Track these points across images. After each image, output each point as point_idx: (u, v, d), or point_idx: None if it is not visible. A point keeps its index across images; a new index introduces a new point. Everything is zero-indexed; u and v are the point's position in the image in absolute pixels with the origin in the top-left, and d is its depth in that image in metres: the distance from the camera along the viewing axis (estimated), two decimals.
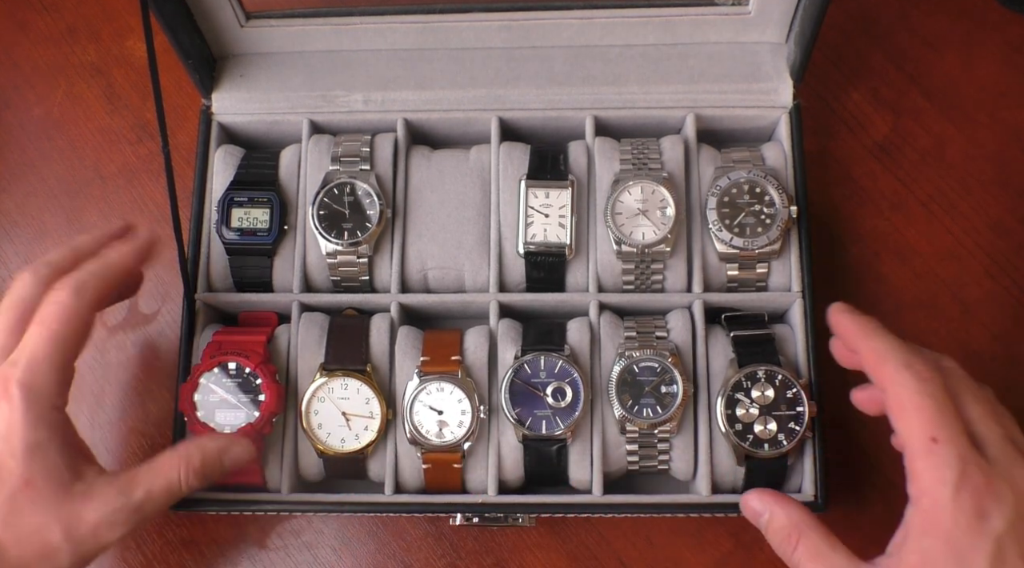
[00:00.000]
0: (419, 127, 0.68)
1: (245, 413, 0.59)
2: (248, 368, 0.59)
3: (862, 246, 0.70)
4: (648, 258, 0.62)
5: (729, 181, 0.63)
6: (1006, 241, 0.69)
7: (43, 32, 0.77)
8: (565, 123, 0.67)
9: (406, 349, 0.62)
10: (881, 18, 0.75)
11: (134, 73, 0.76)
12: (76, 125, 0.75)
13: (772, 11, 0.65)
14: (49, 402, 0.51)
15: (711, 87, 0.66)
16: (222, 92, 0.67)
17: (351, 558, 0.65)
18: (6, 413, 0.50)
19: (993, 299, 0.68)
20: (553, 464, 0.60)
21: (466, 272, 0.65)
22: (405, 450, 0.61)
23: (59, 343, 0.52)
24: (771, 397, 0.58)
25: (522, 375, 0.60)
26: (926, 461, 0.47)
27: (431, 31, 0.67)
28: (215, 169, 0.66)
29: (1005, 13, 0.74)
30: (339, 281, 0.64)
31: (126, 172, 0.74)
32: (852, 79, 0.73)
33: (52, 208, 0.73)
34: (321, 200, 0.63)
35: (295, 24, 0.67)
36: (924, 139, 0.72)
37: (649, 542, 0.64)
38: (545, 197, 0.64)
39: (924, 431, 0.47)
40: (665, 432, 0.60)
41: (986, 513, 0.45)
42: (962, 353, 0.67)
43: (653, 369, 0.59)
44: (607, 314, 0.63)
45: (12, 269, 0.72)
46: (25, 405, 0.50)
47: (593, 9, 0.65)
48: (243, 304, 0.64)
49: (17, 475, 0.50)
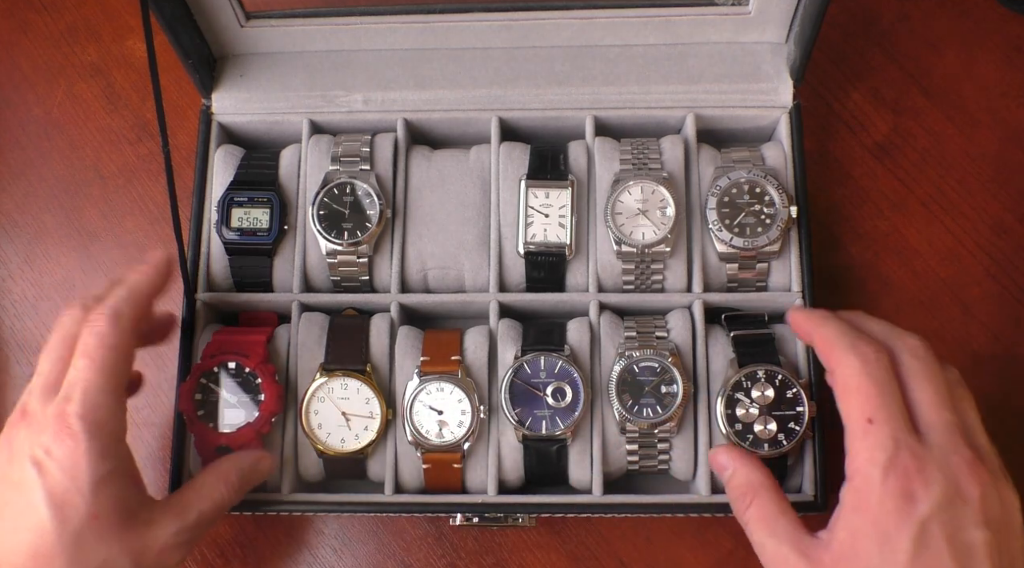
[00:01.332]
0: (419, 127, 0.68)
1: (244, 413, 0.59)
2: (248, 368, 0.59)
3: (862, 246, 0.70)
4: (648, 258, 0.62)
5: (729, 181, 0.63)
6: (1006, 241, 0.69)
7: (43, 32, 0.77)
8: (565, 123, 0.67)
9: (406, 349, 0.62)
10: (881, 18, 0.75)
11: (134, 73, 0.76)
12: (76, 125, 0.75)
13: (772, 11, 0.65)
14: (112, 434, 0.51)
15: (711, 87, 0.66)
16: (222, 92, 0.67)
17: (351, 558, 0.65)
18: (70, 448, 0.49)
19: (993, 299, 0.68)
20: (553, 464, 0.60)
21: (466, 272, 0.65)
22: (405, 450, 0.61)
23: (107, 371, 0.51)
24: (771, 397, 0.58)
25: (522, 375, 0.60)
26: (861, 441, 0.48)
27: (431, 31, 0.67)
28: (215, 169, 0.66)
29: (1005, 13, 0.74)
30: (339, 281, 0.64)
31: (126, 172, 0.74)
32: (852, 79, 0.73)
33: (52, 208, 0.73)
34: (321, 200, 0.63)
35: (295, 24, 0.67)
36: (924, 139, 0.72)
37: (649, 542, 0.64)
38: (545, 197, 0.64)
39: (862, 412, 0.48)
40: (665, 432, 0.60)
41: (913, 496, 0.46)
42: (962, 353, 0.67)
43: (653, 369, 0.59)
44: (607, 314, 0.63)
45: (12, 269, 0.72)
46: (89, 438, 0.49)
47: (593, 9, 0.65)
48: (243, 304, 0.64)
49: (84, 511, 0.49)
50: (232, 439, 0.59)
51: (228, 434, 0.59)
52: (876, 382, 0.49)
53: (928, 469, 0.47)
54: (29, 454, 0.49)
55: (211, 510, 0.55)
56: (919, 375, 0.50)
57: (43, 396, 0.51)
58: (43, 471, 0.49)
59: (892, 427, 0.48)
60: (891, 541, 0.46)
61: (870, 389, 0.48)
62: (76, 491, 0.48)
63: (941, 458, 0.47)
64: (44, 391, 0.51)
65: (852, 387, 0.49)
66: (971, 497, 0.46)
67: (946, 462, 0.47)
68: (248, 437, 0.59)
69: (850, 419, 0.49)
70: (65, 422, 0.49)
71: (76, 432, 0.49)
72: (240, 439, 0.59)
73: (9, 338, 0.71)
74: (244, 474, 0.57)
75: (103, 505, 0.49)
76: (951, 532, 0.46)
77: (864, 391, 0.48)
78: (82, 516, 0.48)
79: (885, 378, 0.49)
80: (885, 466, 0.47)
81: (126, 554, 0.50)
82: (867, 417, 0.48)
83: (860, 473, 0.48)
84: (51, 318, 0.71)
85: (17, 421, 0.51)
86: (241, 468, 0.57)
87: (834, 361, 0.51)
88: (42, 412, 0.50)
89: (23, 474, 0.49)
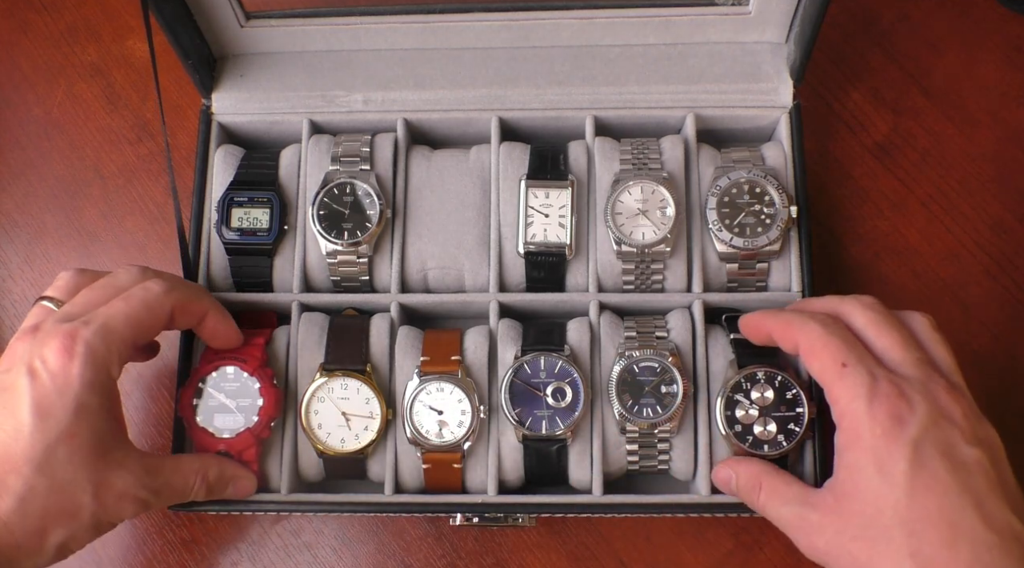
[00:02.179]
0: (419, 127, 0.68)
1: (243, 418, 0.59)
2: (246, 373, 0.59)
3: (862, 246, 0.70)
4: (648, 258, 0.62)
5: (729, 181, 0.63)
6: (1006, 241, 0.69)
7: (43, 32, 0.77)
8: (565, 123, 0.67)
9: (406, 349, 0.62)
10: (881, 18, 0.75)
11: (134, 73, 0.76)
12: (76, 125, 0.75)
13: (772, 11, 0.65)
14: (107, 370, 0.52)
15: (711, 87, 0.66)
16: (222, 92, 0.67)
17: (351, 558, 0.65)
18: (65, 365, 0.50)
19: (993, 299, 0.68)
20: (553, 464, 0.60)
21: (466, 272, 0.65)
22: (405, 450, 0.61)
23: (134, 322, 0.53)
24: (770, 398, 0.58)
25: (522, 375, 0.60)
26: (840, 384, 0.50)
27: (431, 31, 0.67)
28: (215, 169, 0.66)
29: (1005, 13, 0.74)
30: (339, 281, 0.64)
31: (126, 172, 0.74)
32: (852, 79, 0.73)
33: (52, 208, 0.73)
34: (321, 200, 0.63)
35: (295, 24, 0.67)
36: (924, 139, 0.72)
37: (649, 542, 0.64)
38: (545, 197, 0.64)
39: (834, 360, 0.50)
40: (665, 432, 0.60)
41: (901, 419, 0.48)
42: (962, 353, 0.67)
43: (653, 369, 0.59)
44: (607, 314, 0.63)
45: (12, 269, 0.72)
46: (86, 364, 0.50)
47: (593, 9, 0.65)
48: (243, 304, 0.64)
49: (63, 426, 0.50)
50: (231, 444, 0.59)
51: (227, 439, 0.59)
52: (840, 336, 0.51)
53: (909, 392, 0.48)
54: (27, 361, 0.51)
55: (176, 489, 0.56)
56: (877, 324, 0.52)
57: (61, 319, 0.52)
58: (35, 378, 0.50)
59: (866, 364, 0.50)
60: (887, 465, 0.47)
61: (836, 341, 0.51)
62: (61, 406, 0.50)
63: (920, 386, 0.49)
64: (63, 316, 0.53)
65: (818, 346, 0.51)
66: (955, 417, 0.48)
67: (925, 387, 0.49)
68: (247, 442, 0.59)
69: (824, 372, 0.51)
70: (72, 340, 0.50)
71: (78, 354, 0.50)
72: (240, 444, 0.59)
73: (9, 338, 0.71)
74: (221, 480, 0.57)
75: (81, 429, 0.50)
76: (944, 450, 0.47)
77: (831, 345, 0.51)
78: (60, 430, 0.50)
79: (846, 334, 0.51)
80: (868, 397, 0.48)
81: (89, 482, 0.51)
82: (840, 362, 0.50)
83: (846, 413, 0.49)
84: None
85: (26, 335, 0.53)
86: (222, 474, 0.57)
87: (796, 334, 0.53)
88: (53, 329, 0.51)
89: (15, 379, 0.50)
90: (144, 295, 0.54)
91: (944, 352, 0.52)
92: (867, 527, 0.47)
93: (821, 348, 0.51)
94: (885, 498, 0.47)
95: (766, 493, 0.54)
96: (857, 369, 0.49)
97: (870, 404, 0.48)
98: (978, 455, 0.47)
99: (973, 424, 0.48)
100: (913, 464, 0.47)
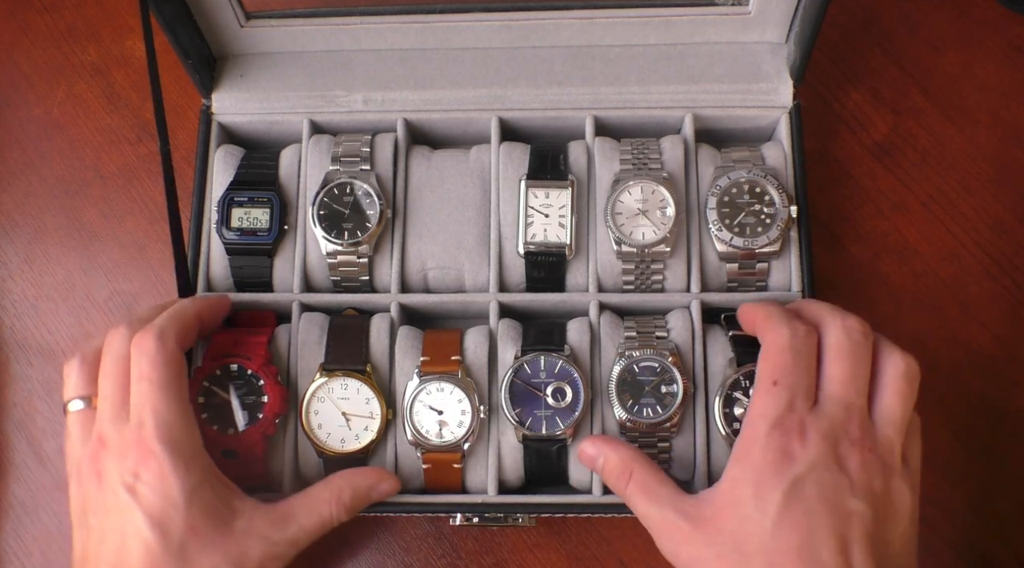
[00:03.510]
0: (419, 127, 0.68)
1: (249, 415, 0.59)
2: (250, 370, 0.59)
3: (862, 246, 0.70)
4: (648, 258, 0.62)
5: (729, 181, 0.63)
6: (1006, 241, 0.69)
7: (43, 32, 0.77)
8: (565, 123, 0.67)
9: (406, 349, 0.62)
10: (881, 18, 0.75)
11: (134, 73, 0.76)
12: (76, 125, 0.75)
13: (772, 11, 0.65)
14: (191, 446, 0.52)
15: (711, 87, 0.66)
16: (222, 92, 0.67)
17: (351, 558, 0.65)
18: (157, 470, 0.50)
19: (993, 299, 0.68)
20: (553, 464, 0.60)
21: (466, 272, 0.65)
22: (405, 450, 0.61)
23: (167, 388, 0.52)
24: None
25: (522, 375, 0.60)
26: (759, 398, 0.50)
27: (431, 31, 0.67)
28: (215, 169, 0.66)
29: (1005, 13, 0.74)
30: (339, 281, 0.64)
31: (126, 172, 0.74)
32: (852, 79, 0.73)
33: (52, 208, 0.73)
34: (321, 200, 0.63)
35: (295, 24, 0.67)
36: (924, 139, 0.72)
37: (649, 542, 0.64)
38: (545, 197, 0.64)
39: (771, 374, 0.51)
40: (665, 432, 0.60)
41: (791, 454, 0.48)
42: (962, 353, 0.67)
43: (653, 369, 0.59)
44: (607, 314, 0.63)
45: (12, 269, 0.72)
46: (171, 456, 0.50)
47: (593, 9, 0.65)
48: (243, 304, 0.64)
49: (182, 525, 0.50)
50: (237, 442, 0.59)
51: (233, 437, 0.59)
52: (795, 352, 0.51)
53: (810, 433, 0.49)
54: (120, 481, 0.50)
55: (315, 526, 0.55)
56: (840, 351, 0.51)
57: (114, 420, 0.52)
58: (136, 495, 0.50)
59: (791, 393, 0.50)
60: (764, 492, 0.48)
61: (786, 357, 0.51)
62: (172, 508, 0.50)
63: (827, 428, 0.49)
64: (114, 415, 0.52)
65: (772, 352, 0.51)
66: (849, 467, 0.48)
67: (831, 431, 0.49)
68: (253, 439, 0.59)
69: (760, 379, 0.51)
70: (146, 446, 0.50)
71: (158, 453, 0.50)
72: (245, 442, 0.59)
73: (9, 338, 0.71)
74: (359, 494, 0.57)
75: (197, 517, 0.50)
76: (824, 494, 0.47)
77: (781, 358, 0.51)
78: (182, 530, 0.50)
79: (805, 351, 0.51)
80: (773, 422, 0.49)
81: (228, 561, 0.51)
82: (773, 379, 0.50)
83: (750, 425, 0.50)
84: (51, 318, 0.71)
85: (99, 450, 0.52)
86: (355, 487, 0.57)
87: (765, 330, 0.53)
88: (120, 438, 0.51)
89: (118, 500, 0.50)
90: (151, 361, 0.52)
91: (897, 403, 0.50)
92: (733, 550, 0.48)
93: (773, 355, 0.51)
94: (755, 524, 0.48)
95: (635, 486, 0.53)
96: (781, 393, 0.50)
97: (771, 430, 0.49)
98: (861, 508, 0.47)
99: (870, 477, 0.48)
100: (788, 498, 0.47)
